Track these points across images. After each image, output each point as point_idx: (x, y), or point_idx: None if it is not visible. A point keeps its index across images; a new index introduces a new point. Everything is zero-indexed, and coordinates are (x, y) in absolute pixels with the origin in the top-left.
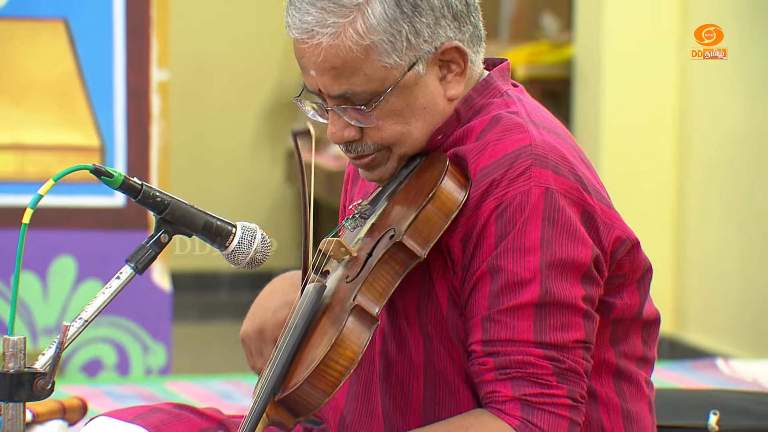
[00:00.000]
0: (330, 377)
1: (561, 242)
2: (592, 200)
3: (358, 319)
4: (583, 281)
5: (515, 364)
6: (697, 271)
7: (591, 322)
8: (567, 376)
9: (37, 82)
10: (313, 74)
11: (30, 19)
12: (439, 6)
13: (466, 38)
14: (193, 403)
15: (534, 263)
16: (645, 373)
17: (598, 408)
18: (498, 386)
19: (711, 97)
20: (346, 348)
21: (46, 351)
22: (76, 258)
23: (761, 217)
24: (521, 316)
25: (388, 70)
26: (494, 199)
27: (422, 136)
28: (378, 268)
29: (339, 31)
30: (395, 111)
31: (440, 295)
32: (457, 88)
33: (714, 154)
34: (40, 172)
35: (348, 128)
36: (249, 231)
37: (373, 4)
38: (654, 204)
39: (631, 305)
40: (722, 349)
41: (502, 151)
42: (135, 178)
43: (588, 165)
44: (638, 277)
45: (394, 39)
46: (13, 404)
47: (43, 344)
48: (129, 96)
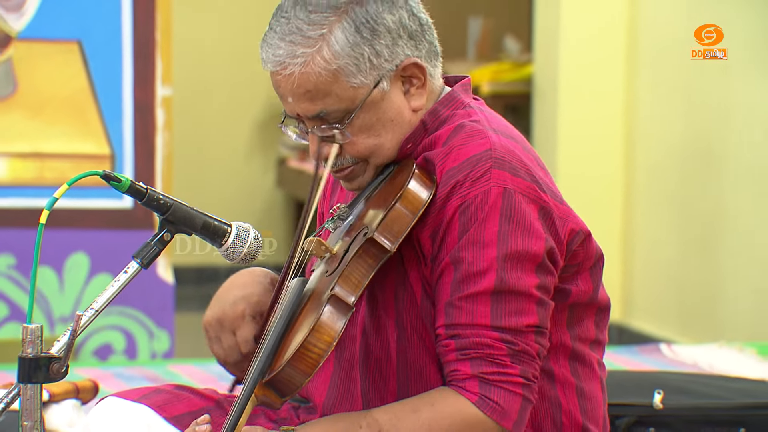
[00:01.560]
0: (310, 359)
1: (516, 236)
2: (547, 197)
3: (335, 307)
4: (537, 271)
5: (474, 345)
6: (642, 265)
7: (544, 308)
8: (521, 357)
9: (53, 98)
10: (291, 101)
11: (47, 41)
12: (395, 28)
13: (423, 54)
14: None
15: (491, 255)
16: (597, 355)
17: (555, 386)
18: (459, 365)
19: (654, 111)
20: (323, 333)
21: (61, 338)
22: (89, 254)
23: (698, 217)
24: (479, 302)
25: (356, 89)
26: (458, 198)
27: (393, 147)
28: (353, 263)
29: (308, 59)
30: (367, 126)
31: (414, 286)
32: (420, 99)
33: (657, 160)
34: (56, 177)
35: (326, 146)
36: (243, 230)
37: (335, 32)
38: (604, 204)
39: (585, 291)
40: (665, 335)
41: (465, 155)
42: (141, 183)
43: (542, 166)
44: (591, 265)
45: (357, 61)
46: (32, 385)
47: (59, 332)
48: (136, 110)
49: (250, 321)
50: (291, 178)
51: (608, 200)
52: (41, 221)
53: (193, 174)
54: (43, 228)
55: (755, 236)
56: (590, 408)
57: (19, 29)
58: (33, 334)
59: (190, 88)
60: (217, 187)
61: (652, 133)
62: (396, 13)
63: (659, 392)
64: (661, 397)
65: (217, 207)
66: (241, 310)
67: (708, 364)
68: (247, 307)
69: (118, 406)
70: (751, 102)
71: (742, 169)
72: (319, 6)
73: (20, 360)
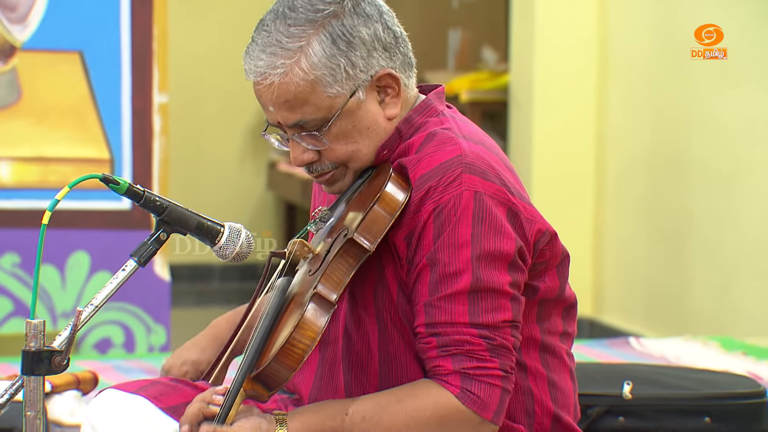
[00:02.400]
0: (295, 354)
1: (488, 237)
2: (515, 200)
3: (318, 304)
4: (509, 269)
5: (454, 342)
6: (612, 263)
7: (517, 303)
8: (498, 351)
9: (56, 105)
10: (272, 110)
11: (50, 51)
12: (370, 40)
13: (398, 65)
14: None
15: (466, 256)
16: (566, 347)
17: (527, 377)
18: (441, 361)
19: (623, 118)
20: (307, 329)
21: (63, 332)
22: (90, 253)
23: (665, 218)
24: (457, 301)
25: (333, 98)
26: (432, 202)
27: (370, 152)
28: (335, 262)
29: (287, 70)
30: (344, 133)
31: (391, 285)
32: (394, 108)
33: (626, 164)
34: (59, 180)
35: (306, 152)
36: (235, 230)
37: (313, 45)
38: (576, 206)
39: (552, 288)
40: (634, 329)
41: (437, 161)
42: (138, 185)
43: (512, 170)
44: (557, 263)
45: (334, 72)
46: (34, 377)
47: (61, 326)
48: (134, 116)
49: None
50: (281, 181)
51: (580, 202)
52: (44, 221)
53: (189, 177)
54: (45, 228)
55: (718, 236)
56: (561, 397)
57: (23, 40)
58: (36, 328)
59: (185, 95)
60: (211, 189)
61: (622, 139)
62: (371, 26)
63: (628, 383)
64: (630, 387)
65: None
66: (184, 372)
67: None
68: (191, 371)
69: (117, 398)
70: (713, 110)
71: (706, 172)
72: (298, 20)
73: (24, 353)
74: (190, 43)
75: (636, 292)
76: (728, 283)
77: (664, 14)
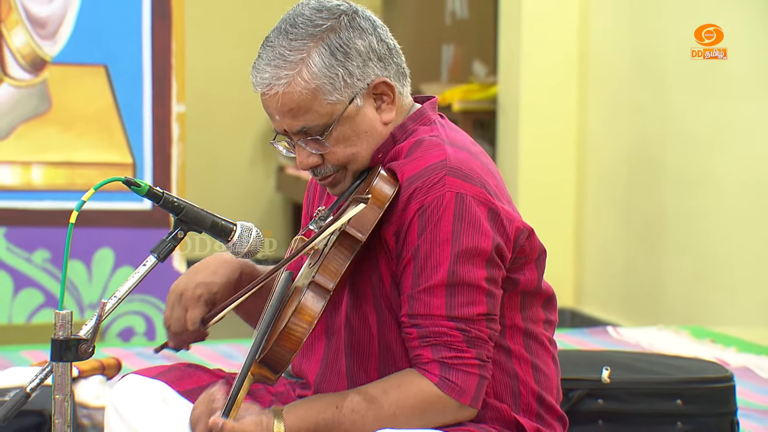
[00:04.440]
0: (294, 337)
1: (467, 234)
2: (495, 201)
3: (315, 292)
4: (486, 265)
5: (433, 334)
6: (592, 259)
7: (492, 298)
8: (474, 342)
9: (83, 114)
10: (278, 118)
11: (78, 65)
12: (365, 51)
13: (392, 74)
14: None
15: (446, 251)
16: (549, 334)
17: (511, 360)
18: (421, 351)
19: (602, 125)
20: (305, 314)
21: (89, 322)
22: (114, 249)
23: (641, 217)
24: (435, 294)
25: (333, 105)
26: (417, 202)
27: (367, 155)
28: (331, 254)
29: (290, 80)
30: (344, 137)
31: (385, 277)
32: (390, 114)
33: (605, 167)
34: (85, 183)
35: (311, 156)
36: (246, 228)
37: (313, 56)
38: (559, 207)
39: (531, 280)
40: (612, 319)
41: (423, 164)
42: (158, 187)
43: (494, 175)
44: (535, 257)
45: (333, 81)
46: (63, 363)
47: (88, 317)
48: (154, 124)
49: (202, 305)
50: (289, 184)
51: (562, 203)
52: (71, 221)
53: (204, 180)
54: (73, 226)
55: (689, 235)
56: (544, 379)
57: (53, 55)
58: (64, 319)
59: (201, 105)
60: (225, 191)
61: (601, 145)
62: (366, 38)
63: (607, 369)
64: (608, 372)
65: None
66: (198, 294)
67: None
68: (205, 293)
69: (138, 382)
70: (685, 119)
71: (678, 176)
72: (299, 35)
73: (53, 341)
74: (205, 58)
75: (614, 285)
76: (698, 277)
77: (640, 30)
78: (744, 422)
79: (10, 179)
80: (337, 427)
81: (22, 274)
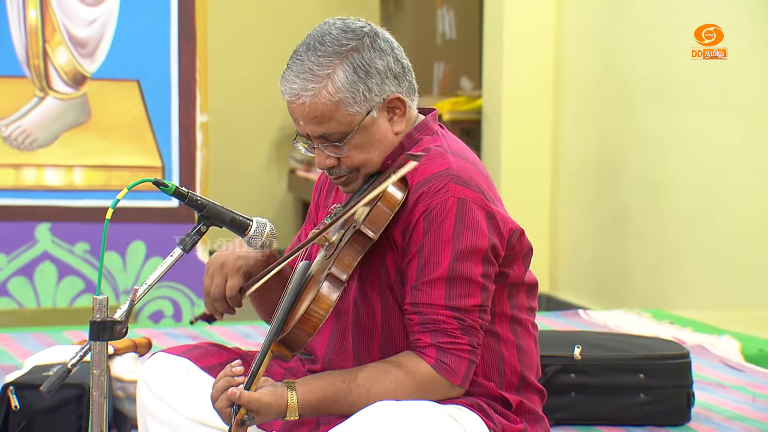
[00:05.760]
0: (312, 322)
1: (467, 235)
2: (491, 205)
3: (331, 283)
4: (482, 262)
5: (432, 321)
6: (565, 250)
7: (486, 291)
8: (468, 330)
9: (119, 123)
10: (302, 123)
11: (114, 80)
12: (384, 70)
13: (404, 90)
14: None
15: (447, 249)
16: (531, 319)
17: (499, 343)
18: (420, 336)
19: (574, 134)
20: (322, 302)
21: (123, 306)
22: (145, 242)
23: (607, 214)
24: (435, 286)
25: (353, 116)
26: (423, 204)
27: (379, 161)
28: (345, 249)
29: (316, 92)
30: (360, 144)
31: (390, 270)
32: (400, 125)
33: (576, 170)
34: (120, 184)
35: (328, 158)
36: (261, 224)
37: (338, 72)
38: (536, 204)
39: (519, 274)
40: (583, 303)
41: (429, 172)
42: (184, 187)
43: (489, 181)
44: (523, 254)
45: (354, 95)
46: (100, 342)
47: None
48: (181, 132)
49: (241, 276)
50: (299, 185)
51: (539, 200)
52: (108, 217)
53: (224, 181)
54: (109, 222)
55: (650, 229)
56: (526, 359)
57: (92, 71)
58: (101, 303)
59: (222, 115)
60: (242, 191)
61: (572, 150)
62: (385, 59)
63: (578, 347)
64: (579, 350)
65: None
66: (239, 266)
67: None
68: (244, 265)
69: (166, 359)
70: (646, 127)
71: (640, 177)
72: (326, 52)
73: (91, 323)
74: (225, 74)
75: (584, 274)
76: (658, 266)
77: (607, 50)
78: (699, 394)
79: (55, 180)
80: (344, 398)
81: (65, 264)
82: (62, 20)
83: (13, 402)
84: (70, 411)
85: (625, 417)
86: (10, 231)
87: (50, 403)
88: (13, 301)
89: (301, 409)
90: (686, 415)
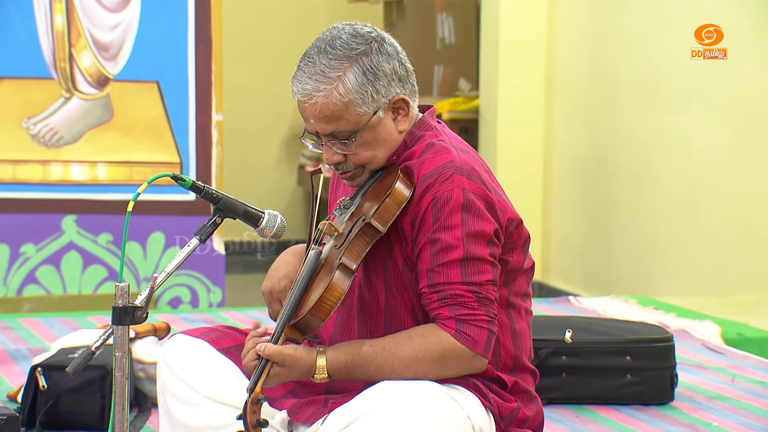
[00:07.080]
0: (324, 308)
1: (474, 220)
2: (491, 194)
3: (342, 272)
4: (489, 244)
5: (450, 296)
6: (556, 241)
7: (495, 268)
8: (484, 302)
9: (139, 122)
10: (312, 122)
11: (135, 82)
12: (390, 73)
13: (408, 92)
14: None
15: (458, 235)
16: (526, 305)
17: None
18: (440, 310)
19: (565, 133)
20: (335, 290)
21: (143, 292)
22: (164, 233)
23: (596, 206)
24: (451, 267)
25: (361, 116)
26: (430, 195)
27: (384, 158)
28: (355, 240)
29: (328, 93)
30: (366, 142)
31: (398, 258)
32: (404, 124)
33: (566, 166)
34: (141, 178)
35: (336, 155)
36: (272, 216)
37: (348, 75)
38: (529, 198)
39: (517, 261)
40: (573, 290)
41: (435, 164)
42: (200, 182)
43: (489, 173)
44: (522, 242)
45: (363, 96)
46: (121, 327)
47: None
48: (197, 130)
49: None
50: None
51: (532, 195)
52: (129, 209)
53: (238, 176)
54: (130, 214)
55: (636, 221)
56: (520, 342)
57: (114, 73)
58: (123, 290)
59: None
60: (255, 185)
61: (563, 148)
62: (391, 62)
63: (569, 331)
64: (570, 334)
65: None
66: (284, 286)
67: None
68: (288, 282)
69: (184, 341)
70: (633, 127)
71: (627, 173)
72: (337, 56)
73: (113, 308)
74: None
75: (574, 263)
76: (644, 255)
77: (596, 55)
78: (682, 375)
79: (80, 175)
80: (370, 361)
81: (89, 253)
82: (87, 26)
83: (41, 382)
84: (94, 390)
85: (613, 396)
86: (38, 222)
87: (75, 383)
88: (42, 288)
89: (329, 368)
90: (670, 394)
